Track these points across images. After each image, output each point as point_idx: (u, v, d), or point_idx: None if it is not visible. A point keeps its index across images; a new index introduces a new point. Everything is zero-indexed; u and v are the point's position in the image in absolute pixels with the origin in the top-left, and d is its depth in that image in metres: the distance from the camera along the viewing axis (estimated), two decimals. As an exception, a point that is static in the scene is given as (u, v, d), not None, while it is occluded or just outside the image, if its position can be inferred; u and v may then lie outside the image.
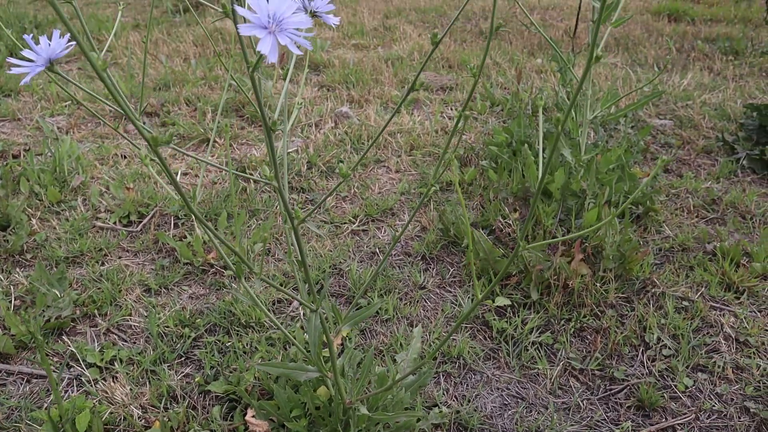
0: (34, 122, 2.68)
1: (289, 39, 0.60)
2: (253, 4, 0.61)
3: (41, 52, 0.70)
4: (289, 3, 0.63)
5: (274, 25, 0.61)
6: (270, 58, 0.59)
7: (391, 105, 2.76)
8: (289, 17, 0.62)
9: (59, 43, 0.71)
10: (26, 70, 0.69)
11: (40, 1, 6.20)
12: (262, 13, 0.61)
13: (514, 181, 1.89)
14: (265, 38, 0.59)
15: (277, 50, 0.60)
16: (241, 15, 0.59)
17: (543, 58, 3.58)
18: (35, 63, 0.70)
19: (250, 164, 2.14)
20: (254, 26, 0.60)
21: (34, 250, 1.76)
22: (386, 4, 5.16)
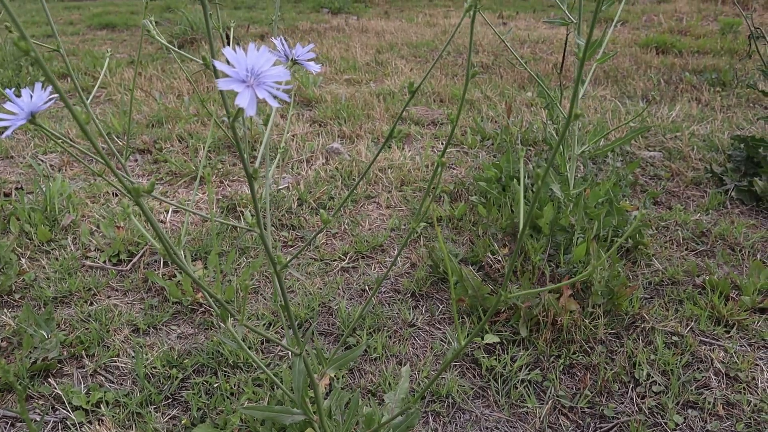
0: (27, 160, 2.69)
1: (268, 92, 0.61)
2: (232, 58, 0.62)
3: (23, 106, 0.71)
4: (267, 56, 0.64)
5: (253, 78, 0.62)
6: (248, 112, 0.60)
7: (382, 140, 2.78)
8: (268, 71, 0.63)
9: (41, 97, 0.72)
10: (7, 123, 0.70)
11: (36, 38, 6.27)
12: (241, 67, 0.62)
13: (504, 216, 1.90)
14: (243, 92, 0.60)
15: (255, 104, 0.61)
16: (219, 69, 0.60)
17: (533, 92, 3.62)
18: (17, 116, 0.71)
19: (240, 201, 2.15)
20: (233, 80, 0.61)
21: (22, 290, 1.75)
22: (379, 39, 5.23)
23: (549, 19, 2.03)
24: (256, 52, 0.64)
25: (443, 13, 7.13)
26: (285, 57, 0.88)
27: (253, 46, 0.64)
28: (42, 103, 0.72)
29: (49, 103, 0.73)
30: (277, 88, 0.63)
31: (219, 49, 0.70)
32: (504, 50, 4.89)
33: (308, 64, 0.89)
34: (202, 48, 5.05)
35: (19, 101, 0.72)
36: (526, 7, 7.74)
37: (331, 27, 5.91)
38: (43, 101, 0.72)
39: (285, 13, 6.90)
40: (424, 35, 5.43)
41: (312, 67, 0.88)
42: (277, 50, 0.89)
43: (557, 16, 6.89)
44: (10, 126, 0.70)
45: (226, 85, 0.61)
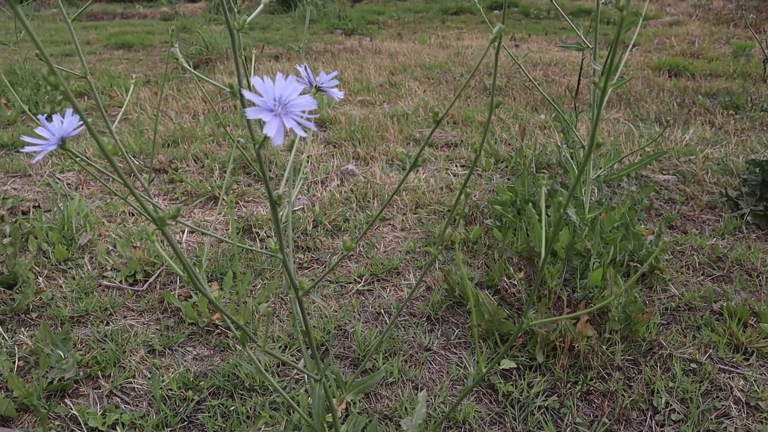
0: (45, 178, 2.72)
1: (295, 122, 0.62)
2: (260, 87, 0.63)
3: (54, 131, 0.72)
4: (295, 85, 0.65)
5: (280, 107, 0.63)
6: (275, 141, 0.61)
7: (396, 162, 2.79)
8: (295, 99, 0.64)
9: (71, 122, 0.73)
10: (38, 148, 0.71)
11: (54, 57, 6.37)
12: (269, 97, 0.63)
13: (519, 240, 1.90)
14: (271, 121, 0.61)
15: (283, 133, 0.62)
16: (248, 99, 0.61)
17: (546, 114, 3.63)
18: (48, 141, 0.72)
19: (256, 222, 2.16)
20: (261, 109, 0.62)
21: (39, 309, 1.76)
22: (392, 61, 5.27)
23: (564, 43, 2.04)
24: (284, 82, 0.65)
25: (456, 35, 7.18)
26: (309, 84, 0.89)
27: (280, 75, 0.65)
28: (72, 129, 0.73)
29: (79, 129, 0.74)
30: (304, 117, 0.64)
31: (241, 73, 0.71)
32: (517, 72, 4.91)
33: (331, 90, 0.90)
34: (217, 68, 5.11)
35: (50, 126, 0.73)
36: (538, 30, 7.79)
37: (344, 48, 5.96)
38: (73, 127, 0.73)
39: (298, 34, 6.98)
40: (437, 57, 5.47)
41: (335, 94, 0.89)
42: (301, 77, 0.90)
43: (569, 38, 6.93)
44: (42, 151, 0.72)
45: (255, 114, 0.62)
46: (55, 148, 0.72)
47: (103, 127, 3.61)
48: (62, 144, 0.73)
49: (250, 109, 0.61)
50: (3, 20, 9.97)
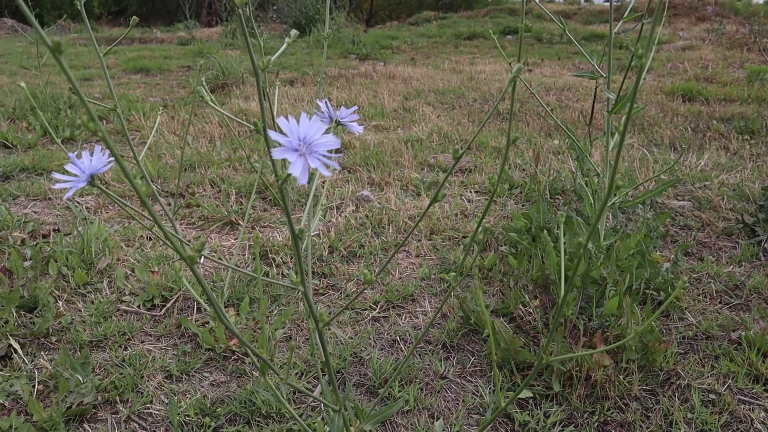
0: (64, 202, 2.76)
1: (320, 162, 0.64)
2: (285, 127, 0.65)
3: (84, 168, 0.74)
4: (319, 125, 0.67)
5: (305, 147, 0.65)
6: (300, 180, 0.62)
7: (411, 188, 2.81)
8: (319, 139, 0.66)
9: (100, 159, 0.75)
10: (69, 185, 0.73)
11: (73, 82, 6.48)
12: (293, 136, 0.65)
13: (534, 267, 1.90)
14: (296, 162, 0.63)
15: (308, 173, 0.63)
16: (274, 139, 0.63)
17: (560, 139, 3.64)
18: (78, 178, 0.74)
19: (272, 248, 2.18)
20: (286, 149, 0.64)
21: (59, 333, 1.78)
22: (406, 85, 5.32)
23: (578, 72, 2.06)
24: (308, 121, 0.67)
25: (469, 59, 7.24)
26: (329, 118, 0.92)
27: (304, 115, 0.67)
28: (101, 166, 0.76)
29: (109, 166, 0.77)
30: (328, 156, 0.65)
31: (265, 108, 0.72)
32: (530, 97, 4.94)
33: (351, 125, 0.92)
34: (233, 93, 5.18)
35: (79, 163, 0.76)
36: (550, 54, 7.83)
37: (358, 73, 6.03)
38: (102, 164, 0.76)
39: (313, 59, 7.06)
40: (451, 82, 5.51)
41: (355, 129, 0.91)
42: (322, 111, 0.92)
43: (581, 62, 6.96)
44: (72, 188, 0.74)
45: (280, 155, 0.64)
46: (85, 185, 0.75)
47: (121, 150, 3.66)
48: (91, 181, 0.75)
49: (275, 149, 0.63)
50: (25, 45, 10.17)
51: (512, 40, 9.52)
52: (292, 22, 10.23)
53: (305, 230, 0.78)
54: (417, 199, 2.62)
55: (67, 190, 0.73)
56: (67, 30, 14.22)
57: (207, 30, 13.10)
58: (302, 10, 9.85)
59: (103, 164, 0.74)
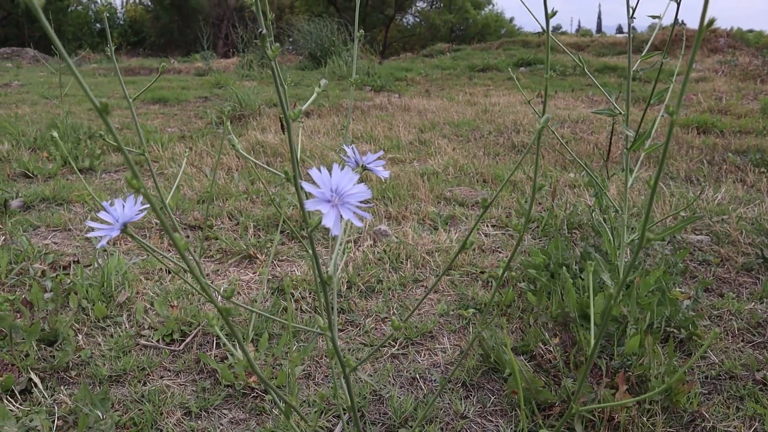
0: (84, 233, 2.79)
1: (352, 213, 0.65)
2: (317, 179, 0.66)
3: (117, 216, 0.76)
4: (350, 176, 0.68)
5: (337, 198, 0.66)
6: (333, 231, 0.63)
7: (428, 222, 2.81)
8: (350, 189, 0.67)
9: (132, 208, 0.77)
10: (103, 233, 0.75)
11: (93, 111, 6.60)
12: (326, 188, 0.66)
13: (554, 305, 1.89)
14: (329, 213, 0.64)
15: (341, 224, 0.64)
16: (307, 191, 0.64)
17: (576, 173, 3.65)
18: (112, 227, 0.75)
19: (291, 283, 2.18)
20: (319, 201, 0.65)
21: (78, 367, 1.79)
22: (421, 118, 5.36)
23: (597, 110, 2.07)
24: (340, 172, 0.68)
25: (483, 91, 7.29)
26: (355, 163, 0.93)
27: (336, 166, 0.68)
28: (134, 215, 0.77)
29: (141, 215, 0.78)
30: (359, 207, 0.66)
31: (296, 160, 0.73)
32: (545, 130, 4.96)
33: (377, 169, 0.93)
34: (250, 124, 5.24)
35: (113, 211, 0.77)
36: (564, 86, 7.87)
37: (374, 105, 6.09)
38: (135, 213, 0.77)
39: (329, 90, 7.14)
40: (465, 114, 5.55)
41: (381, 173, 0.92)
42: (348, 156, 0.93)
43: (594, 95, 6.99)
44: (105, 236, 0.75)
45: (314, 206, 0.65)
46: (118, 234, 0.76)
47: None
48: (124, 229, 0.77)
49: (309, 201, 0.64)
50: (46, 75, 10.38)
51: (526, 72, 9.60)
52: (307, 54, 10.38)
53: (333, 276, 0.79)
54: (434, 234, 2.63)
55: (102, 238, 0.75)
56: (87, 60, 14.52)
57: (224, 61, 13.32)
58: (318, 42, 10.00)
59: (135, 213, 0.76)
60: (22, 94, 8.15)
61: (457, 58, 11.74)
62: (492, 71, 9.95)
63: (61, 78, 5.79)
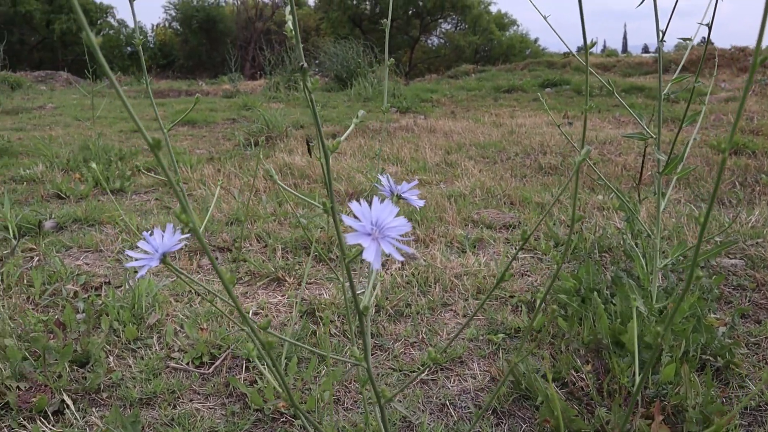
0: (115, 255, 2.83)
1: (393, 247, 0.65)
2: (357, 212, 0.67)
3: (156, 247, 0.77)
4: (390, 209, 0.68)
5: (377, 231, 0.66)
6: (374, 265, 0.63)
7: (456, 244, 2.80)
8: (390, 222, 0.67)
9: (172, 239, 0.78)
10: (142, 263, 0.76)
11: (124, 133, 6.72)
12: (366, 221, 0.66)
13: (585, 330, 1.87)
14: (369, 247, 0.64)
15: (381, 257, 0.64)
16: (348, 224, 0.64)
17: (604, 195, 3.61)
18: (151, 257, 0.76)
19: (319, 306, 2.18)
20: (359, 234, 0.65)
21: (110, 389, 1.80)
22: (447, 139, 5.37)
23: (627, 134, 2.06)
24: (380, 205, 0.68)
25: (509, 112, 7.28)
26: (390, 192, 0.93)
27: (376, 199, 0.68)
28: (173, 245, 0.78)
29: (181, 245, 0.79)
30: (400, 241, 0.66)
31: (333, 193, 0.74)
32: (572, 151, 4.93)
33: (412, 199, 0.93)
34: (277, 146, 5.29)
35: (152, 241, 0.78)
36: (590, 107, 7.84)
37: (400, 127, 6.11)
38: (174, 243, 0.78)
39: (354, 112, 7.19)
40: (491, 136, 5.54)
41: (416, 202, 0.92)
42: (383, 185, 0.94)
43: (621, 115, 6.95)
44: (145, 266, 0.76)
45: (354, 240, 0.65)
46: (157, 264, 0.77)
47: (168, 202, 3.76)
48: (163, 259, 0.77)
49: (349, 234, 0.64)
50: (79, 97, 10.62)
51: (551, 93, 9.58)
52: (333, 76, 10.48)
53: (369, 307, 0.79)
54: (462, 257, 2.61)
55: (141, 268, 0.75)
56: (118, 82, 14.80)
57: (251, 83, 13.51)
58: (343, 64, 10.10)
59: (174, 243, 0.77)
60: (55, 116, 8.34)
61: (482, 79, 11.77)
62: (517, 92, 9.95)
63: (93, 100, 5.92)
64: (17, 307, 2.24)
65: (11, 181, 4.35)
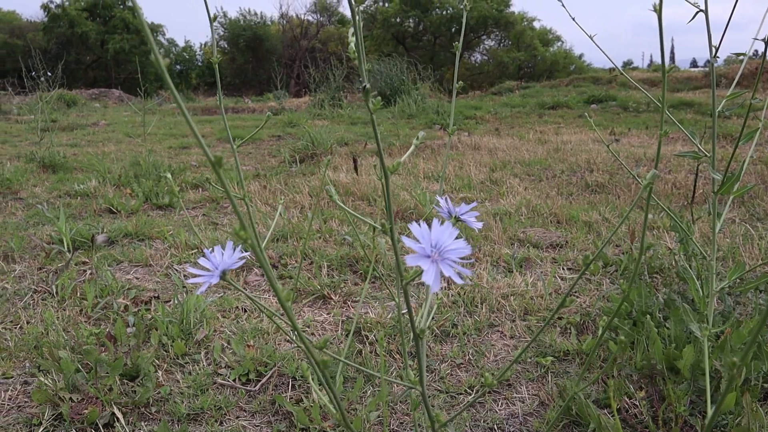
0: (164, 269, 2.88)
1: (452, 270, 0.64)
2: (417, 234, 0.66)
3: (217, 264, 0.77)
4: (450, 231, 0.67)
5: (437, 253, 0.65)
6: (433, 288, 0.62)
7: (502, 264, 2.77)
8: (450, 245, 0.66)
9: (232, 256, 0.78)
10: (203, 280, 0.76)
11: (173, 149, 6.88)
12: (426, 243, 0.65)
13: (638, 355, 1.81)
14: (429, 269, 0.63)
15: (440, 280, 0.63)
16: (408, 246, 0.64)
17: (654, 214, 3.53)
18: (211, 273, 0.77)
19: (365, 325, 2.18)
20: (419, 256, 0.64)
21: (158, 404, 1.82)
22: (491, 157, 5.33)
23: (680, 152, 2.00)
24: (440, 227, 0.67)
25: (554, 129, 7.21)
26: (448, 213, 0.92)
27: (436, 221, 0.67)
28: (233, 263, 0.79)
29: (241, 263, 0.79)
30: (460, 264, 0.65)
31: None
32: (619, 169, 4.84)
33: (470, 221, 0.92)
34: (321, 162, 5.33)
35: (213, 258, 0.79)
36: (638, 123, 7.70)
37: (444, 144, 6.10)
38: (234, 261, 0.79)
39: (399, 129, 7.21)
40: (536, 153, 5.49)
41: (474, 225, 0.91)
42: (441, 207, 0.93)
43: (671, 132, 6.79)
44: (205, 283, 0.77)
45: (414, 261, 0.64)
46: (218, 281, 0.77)
47: (215, 218, 3.81)
48: (223, 276, 0.78)
49: (409, 256, 0.64)
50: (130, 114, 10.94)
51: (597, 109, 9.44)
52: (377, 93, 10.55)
53: (425, 330, 0.77)
54: (509, 276, 2.58)
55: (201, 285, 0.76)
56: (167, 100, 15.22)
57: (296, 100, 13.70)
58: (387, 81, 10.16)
59: (234, 261, 0.77)
60: (108, 132, 8.60)
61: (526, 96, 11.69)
62: (562, 108, 9.84)
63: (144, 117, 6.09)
64: (71, 320, 2.30)
65: (66, 195, 4.49)
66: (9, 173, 4.94)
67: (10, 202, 4.29)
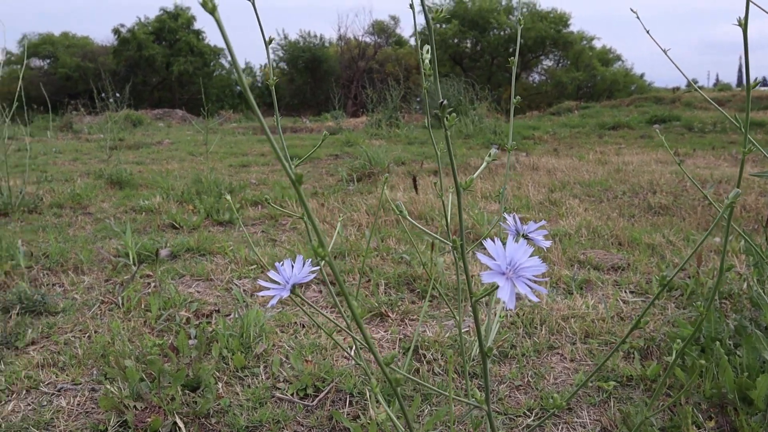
0: (224, 284, 2.94)
1: (527, 287, 0.63)
2: (492, 251, 0.66)
3: (287, 278, 0.79)
4: (525, 248, 0.67)
5: (511, 271, 0.64)
6: (509, 305, 0.62)
7: (561, 285, 2.72)
8: (525, 262, 0.66)
9: (302, 270, 0.79)
10: (273, 293, 0.78)
11: (234, 168, 7.05)
12: (501, 260, 0.65)
13: (707, 383, 1.74)
14: (504, 286, 0.63)
15: (515, 297, 0.63)
16: (483, 263, 0.64)
17: (721, 237, 3.40)
18: (282, 287, 0.78)
19: (422, 344, 2.17)
20: (494, 273, 0.64)
21: (218, 415, 1.85)
22: (550, 177, 5.26)
23: (757, 173, 1.93)
24: (514, 245, 0.67)
25: (614, 150, 7.07)
26: (515, 231, 0.91)
27: (511, 239, 0.67)
28: (303, 277, 0.80)
29: (311, 277, 0.80)
30: (535, 281, 0.65)
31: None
32: (684, 190, 4.70)
33: (538, 239, 0.91)
34: (378, 181, 5.37)
35: (283, 272, 0.80)
36: (703, 144, 7.47)
37: (501, 164, 6.06)
38: (305, 275, 0.80)
39: (456, 148, 7.20)
40: (596, 173, 5.39)
41: (542, 243, 0.90)
42: (509, 225, 0.92)
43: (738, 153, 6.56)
44: (276, 296, 0.78)
45: (489, 278, 0.64)
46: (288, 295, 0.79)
47: (273, 235, 3.88)
48: (293, 290, 0.79)
49: (485, 273, 0.63)
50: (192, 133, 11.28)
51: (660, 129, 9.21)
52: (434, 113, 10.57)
53: (492, 348, 0.77)
54: (569, 298, 2.52)
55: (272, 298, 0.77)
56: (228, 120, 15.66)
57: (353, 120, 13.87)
58: (444, 101, 10.18)
59: (304, 275, 0.78)
60: (171, 151, 8.89)
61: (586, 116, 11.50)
62: (623, 129, 9.64)
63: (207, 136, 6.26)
64: (136, 330, 2.37)
65: (132, 210, 4.65)
66: (79, 189, 5.15)
67: (80, 216, 4.46)
